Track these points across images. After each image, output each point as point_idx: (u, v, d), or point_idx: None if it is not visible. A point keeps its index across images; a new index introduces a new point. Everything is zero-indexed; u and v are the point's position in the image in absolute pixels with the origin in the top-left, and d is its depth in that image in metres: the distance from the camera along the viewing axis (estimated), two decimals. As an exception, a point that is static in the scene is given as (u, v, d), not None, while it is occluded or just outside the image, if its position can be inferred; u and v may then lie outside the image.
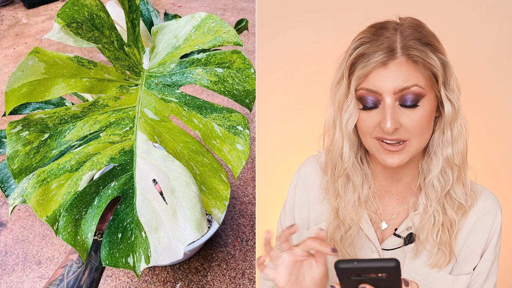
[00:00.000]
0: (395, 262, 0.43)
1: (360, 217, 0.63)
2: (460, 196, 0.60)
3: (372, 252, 0.64)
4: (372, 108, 0.55)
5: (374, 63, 0.53)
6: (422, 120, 0.54)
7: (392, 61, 0.53)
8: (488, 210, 0.62)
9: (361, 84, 0.55)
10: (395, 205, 0.65)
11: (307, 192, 0.70)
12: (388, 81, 0.53)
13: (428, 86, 0.54)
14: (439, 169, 0.58)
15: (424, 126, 0.55)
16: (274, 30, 0.72)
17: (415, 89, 0.53)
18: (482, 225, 0.62)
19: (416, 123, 0.54)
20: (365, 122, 0.56)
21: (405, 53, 0.53)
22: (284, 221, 0.73)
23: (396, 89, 0.53)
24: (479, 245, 0.62)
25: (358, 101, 0.56)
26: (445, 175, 0.59)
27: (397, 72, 0.53)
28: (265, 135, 0.74)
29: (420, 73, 0.53)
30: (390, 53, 0.53)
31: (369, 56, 0.54)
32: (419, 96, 0.53)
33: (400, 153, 0.55)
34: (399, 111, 0.54)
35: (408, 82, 0.53)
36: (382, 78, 0.54)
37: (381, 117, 0.54)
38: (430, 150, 0.60)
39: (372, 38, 0.55)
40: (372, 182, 0.64)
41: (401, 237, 0.63)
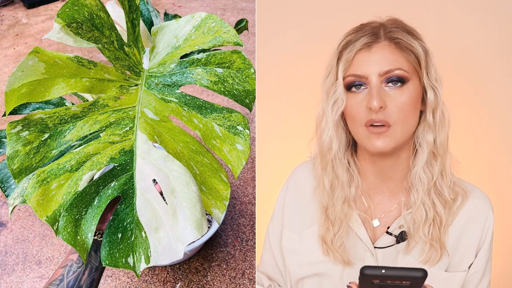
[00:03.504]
0: (423, 272, 0.45)
1: (349, 217, 0.64)
2: (444, 189, 0.61)
3: (364, 251, 0.64)
4: (359, 92, 0.58)
5: (359, 45, 0.58)
6: (407, 104, 0.57)
7: (375, 45, 0.57)
8: (479, 209, 0.63)
9: (348, 70, 0.59)
10: (387, 203, 0.65)
11: (298, 196, 0.70)
12: (372, 64, 0.57)
13: (412, 70, 0.57)
14: (425, 160, 0.60)
15: (408, 111, 0.57)
16: (274, 30, 0.72)
17: (399, 72, 0.56)
18: (474, 223, 0.62)
19: (400, 106, 0.56)
20: (354, 108, 0.59)
21: (388, 37, 0.57)
22: (272, 230, 0.73)
23: (381, 72, 0.56)
24: (473, 244, 0.63)
25: (346, 89, 0.59)
26: (430, 167, 0.60)
27: (381, 56, 0.57)
28: (265, 135, 0.74)
29: (403, 57, 0.57)
30: (373, 36, 0.58)
31: (355, 42, 0.58)
32: (404, 79, 0.56)
33: (384, 136, 0.57)
34: (384, 92, 0.57)
35: (391, 66, 0.56)
36: (367, 62, 0.57)
37: (368, 99, 0.57)
38: (416, 143, 0.62)
39: (358, 29, 0.60)
40: (360, 182, 0.64)
41: (393, 235, 0.63)
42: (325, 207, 0.65)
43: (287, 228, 0.70)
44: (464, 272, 0.63)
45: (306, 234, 0.69)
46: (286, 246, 0.70)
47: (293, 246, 0.69)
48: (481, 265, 0.63)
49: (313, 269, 0.67)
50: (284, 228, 0.71)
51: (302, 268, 0.69)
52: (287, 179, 0.73)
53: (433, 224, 0.61)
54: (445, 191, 0.61)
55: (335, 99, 0.60)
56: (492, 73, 0.68)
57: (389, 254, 0.63)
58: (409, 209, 0.62)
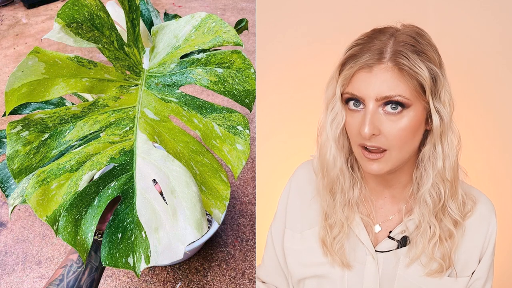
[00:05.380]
0: None
1: (351, 220, 0.63)
2: (455, 211, 0.59)
3: (365, 255, 0.64)
4: (357, 111, 0.55)
5: (360, 64, 0.53)
6: (405, 130, 0.53)
7: (377, 65, 0.52)
8: (483, 214, 0.62)
9: (346, 88, 0.55)
10: (388, 208, 0.65)
11: (300, 196, 0.70)
12: (371, 86, 0.53)
13: (414, 96, 0.52)
14: (430, 183, 0.57)
15: (406, 137, 0.53)
16: (274, 30, 0.72)
17: (399, 98, 0.52)
18: (478, 229, 0.62)
19: (396, 133, 0.53)
20: (351, 126, 0.56)
21: (392, 59, 0.52)
22: (275, 229, 0.73)
23: (379, 96, 0.52)
24: (476, 250, 0.62)
25: (344, 104, 0.57)
26: (438, 190, 0.57)
27: (381, 78, 0.52)
28: (265, 135, 0.74)
29: (405, 83, 0.52)
30: (377, 56, 0.53)
31: (357, 58, 0.54)
32: (403, 106, 0.52)
33: (379, 161, 0.54)
34: (380, 118, 0.53)
35: (391, 91, 0.52)
36: (366, 83, 0.53)
37: (361, 123, 0.54)
38: (420, 164, 0.58)
39: (366, 41, 0.55)
40: (363, 187, 0.63)
41: (395, 240, 0.63)
42: (325, 210, 0.65)
43: (289, 227, 0.70)
44: (467, 277, 0.62)
45: (307, 234, 0.69)
46: (288, 245, 0.70)
47: (295, 246, 0.69)
48: (484, 271, 0.62)
49: (313, 270, 0.67)
50: (286, 228, 0.71)
51: (303, 269, 0.68)
52: (290, 178, 0.73)
53: (440, 242, 0.59)
54: (456, 214, 0.58)
55: (335, 115, 0.57)
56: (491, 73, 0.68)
57: (390, 259, 0.63)
58: (410, 216, 0.62)
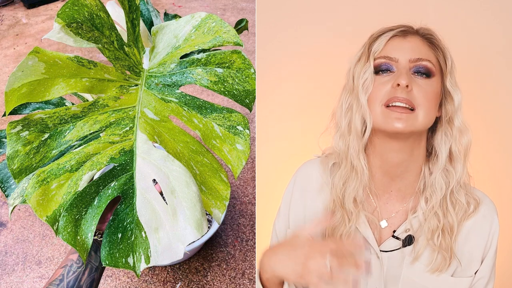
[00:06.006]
0: None
1: (357, 218, 0.63)
2: (462, 198, 0.61)
3: (370, 253, 0.64)
4: (386, 74, 0.59)
5: (394, 33, 0.60)
6: (431, 94, 0.58)
7: (410, 34, 0.60)
8: (485, 215, 0.62)
9: (380, 52, 0.60)
10: (394, 203, 0.65)
11: (304, 192, 0.70)
12: (405, 50, 0.59)
13: (438, 68, 0.59)
14: (442, 166, 0.60)
15: (432, 100, 0.58)
16: (274, 30, 0.72)
17: (428, 63, 0.58)
18: (481, 229, 0.62)
19: (425, 93, 0.58)
20: (377, 88, 0.60)
21: (422, 34, 0.60)
22: (278, 226, 0.73)
23: (412, 58, 0.58)
24: (479, 250, 0.62)
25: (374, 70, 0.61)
26: (448, 174, 0.60)
27: (414, 44, 0.59)
28: (265, 135, 0.74)
29: (433, 53, 0.60)
30: (410, 28, 0.61)
31: (390, 30, 0.61)
32: (430, 73, 0.59)
33: (406, 119, 0.57)
34: (412, 77, 0.58)
35: (423, 55, 0.59)
36: (399, 47, 0.59)
37: (395, 79, 0.58)
38: (432, 151, 0.61)
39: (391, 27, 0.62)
40: (369, 180, 0.64)
41: (400, 239, 0.63)
42: (331, 206, 0.64)
43: (292, 227, 0.70)
44: (470, 277, 0.62)
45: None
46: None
47: None
48: (487, 271, 0.63)
49: None
50: (289, 228, 0.71)
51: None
52: (294, 174, 0.72)
53: (442, 234, 0.60)
54: (464, 200, 0.61)
55: (364, 80, 0.60)
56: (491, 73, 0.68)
57: (394, 258, 0.63)
58: (414, 213, 0.62)
